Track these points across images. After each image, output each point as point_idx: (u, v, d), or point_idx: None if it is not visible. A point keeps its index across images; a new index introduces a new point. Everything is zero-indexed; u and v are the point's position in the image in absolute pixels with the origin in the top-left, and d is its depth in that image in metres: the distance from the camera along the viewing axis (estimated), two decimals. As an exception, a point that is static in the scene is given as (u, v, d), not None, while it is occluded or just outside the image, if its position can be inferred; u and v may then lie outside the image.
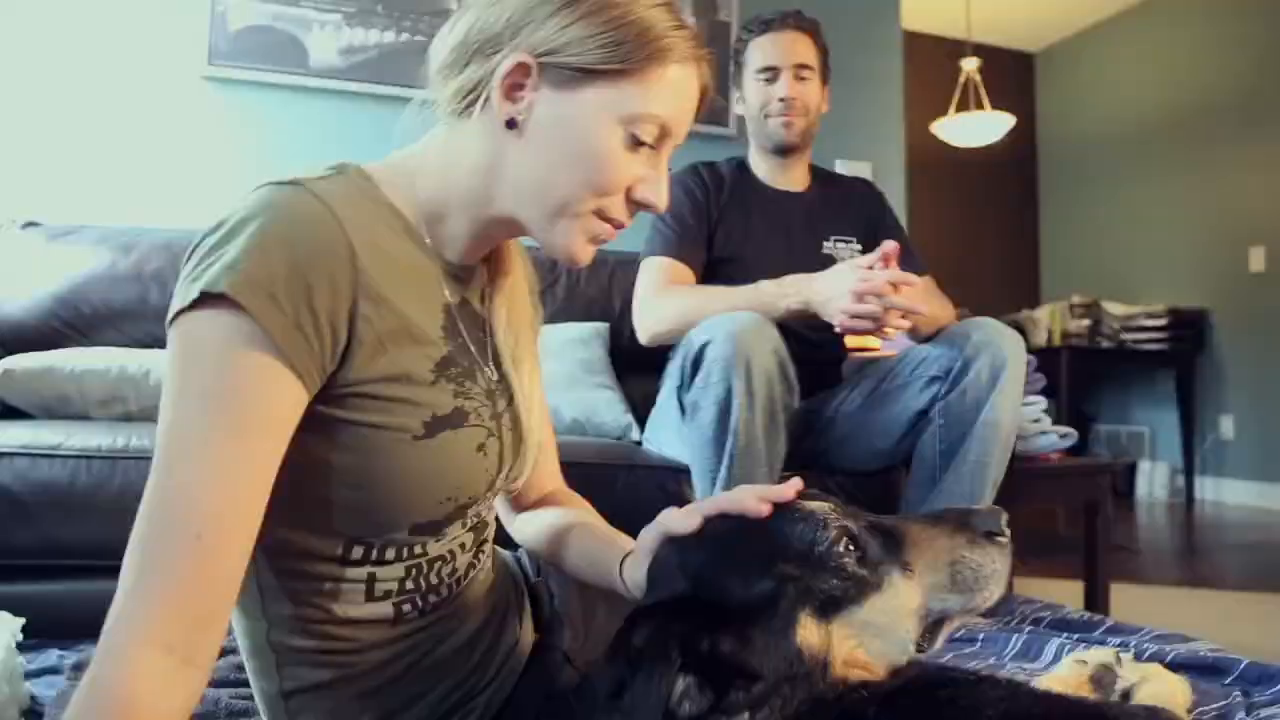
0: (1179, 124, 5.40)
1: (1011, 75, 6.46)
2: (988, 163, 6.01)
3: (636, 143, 0.82)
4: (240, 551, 0.70)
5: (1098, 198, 6.00)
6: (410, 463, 0.80)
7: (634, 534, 0.91)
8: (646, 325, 1.87)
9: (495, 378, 0.92)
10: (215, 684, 1.23)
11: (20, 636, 1.26)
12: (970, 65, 5.35)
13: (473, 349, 0.90)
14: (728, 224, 2.02)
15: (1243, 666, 1.23)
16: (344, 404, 0.77)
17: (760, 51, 2.06)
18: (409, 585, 0.87)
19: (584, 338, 2.41)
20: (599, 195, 0.83)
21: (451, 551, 0.91)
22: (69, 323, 2.23)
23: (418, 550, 0.87)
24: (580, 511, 1.08)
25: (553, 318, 2.52)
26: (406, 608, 0.88)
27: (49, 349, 2.01)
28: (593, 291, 2.62)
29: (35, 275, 2.26)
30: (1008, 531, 0.77)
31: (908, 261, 1.93)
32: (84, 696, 0.64)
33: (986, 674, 0.73)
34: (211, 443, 0.68)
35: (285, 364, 0.70)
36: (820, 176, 2.20)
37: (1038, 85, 6.63)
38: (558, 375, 2.24)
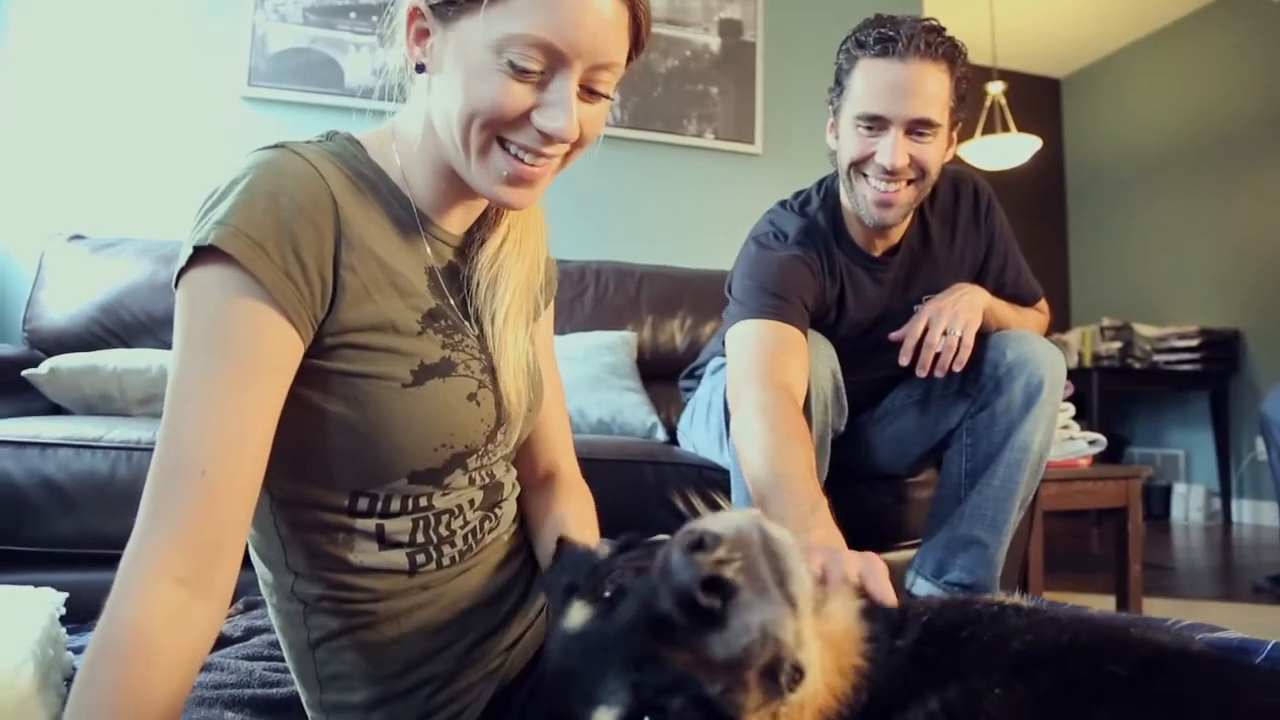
0: (1207, 145, 5.37)
1: (1038, 100, 6.47)
2: (1015, 186, 6.00)
3: (519, 70, 0.78)
4: (244, 487, 0.73)
5: (1126, 220, 5.96)
6: (400, 410, 0.82)
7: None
8: (737, 428, 1.35)
9: (478, 334, 0.93)
10: (250, 657, 1.26)
11: (63, 611, 1.29)
12: (995, 89, 5.37)
13: (457, 308, 0.92)
14: (825, 306, 1.64)
15: (1270, 648, 1.20)
16: (334, 355, 0.80)
17: (867, 86, 1.45)
18: (419, 537, 0.89)
19: (611, 344, 2.45)
20: (486, 127, 0.80)
21: (460, 506, 0.92)
22: (110, 330, 2.31)
23: (423, 503, 0.89)
24: (571, 511, 1.03)
25: (581, 326, 2.57)
26: (421, 558, 0.90)
27: (91, 353, 2.07)
28: (620, 302, 2.68)
29: (80, 285, 2.35)
30: (716, 568, 0.48)
31: (1016, 288, 1.86)
32: (101, 630, 0.67)
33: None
34: (211, 385, 0.72)
35: (277, 309, 0.74)
36: (925, 215, 1.69)
37: (1064, 110, 6.63)
38: (585, 378, 2.28)
